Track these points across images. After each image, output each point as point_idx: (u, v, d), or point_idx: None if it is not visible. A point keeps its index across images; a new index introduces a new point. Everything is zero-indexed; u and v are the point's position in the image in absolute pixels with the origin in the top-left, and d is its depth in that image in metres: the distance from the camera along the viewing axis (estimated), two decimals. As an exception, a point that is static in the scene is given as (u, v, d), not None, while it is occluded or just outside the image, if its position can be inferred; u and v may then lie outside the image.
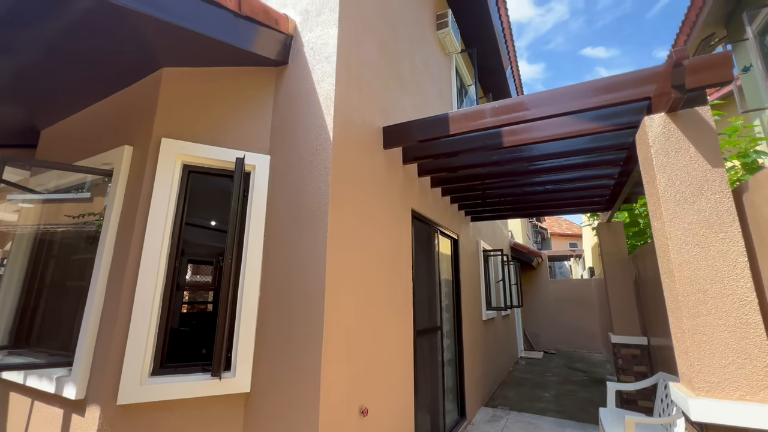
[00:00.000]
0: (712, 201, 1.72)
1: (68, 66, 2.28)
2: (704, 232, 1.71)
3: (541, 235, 19.60)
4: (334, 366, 2.07)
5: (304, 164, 2.37)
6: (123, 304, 2.05)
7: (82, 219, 2.81)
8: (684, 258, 1.71)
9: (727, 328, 1.59)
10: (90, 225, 2.69)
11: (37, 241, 2.97)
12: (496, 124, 2.50)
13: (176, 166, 2.30)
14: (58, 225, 3.03)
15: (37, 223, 3.06)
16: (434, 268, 4.06)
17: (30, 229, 3.04)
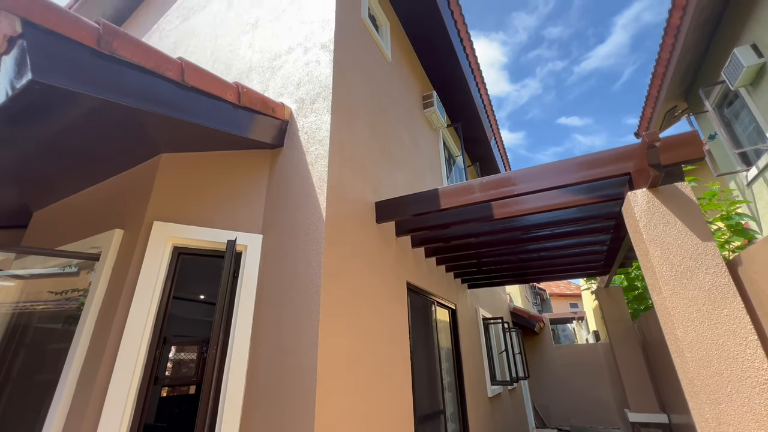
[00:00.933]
0: (709, 275, 1.70)
1: (69, 155, 2.36)
2: (707, 308, 1.66)
3: (540, 297, 19.20)
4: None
5: (296, 243, 2.35)
6: (93, 401, 1.85)
7: (64, 295, 2.68)
8: (692, 336, 1.64)
9: (753, 417, 1.47)
10: (73, 301, 2.56)
11: (10, 326, 2.79)
12: (485, 199, 2.57)
13: (166, 249, 2.27)
14: (38, 302, 2.88)
15: (16, 301, 2.91)
16: (433, 342, 3.86)
17: (7, 308, 2.88)
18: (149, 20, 5.13)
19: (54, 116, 1.87)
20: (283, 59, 3.15)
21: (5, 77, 1.52)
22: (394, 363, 2.75)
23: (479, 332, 5.59)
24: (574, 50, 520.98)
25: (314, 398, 1.88)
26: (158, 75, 1.88)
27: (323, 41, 2.97)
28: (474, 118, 6.49)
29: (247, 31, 3.64)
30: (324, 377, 1.97)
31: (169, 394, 3.85)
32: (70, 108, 1.82)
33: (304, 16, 3.24)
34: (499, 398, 5.95)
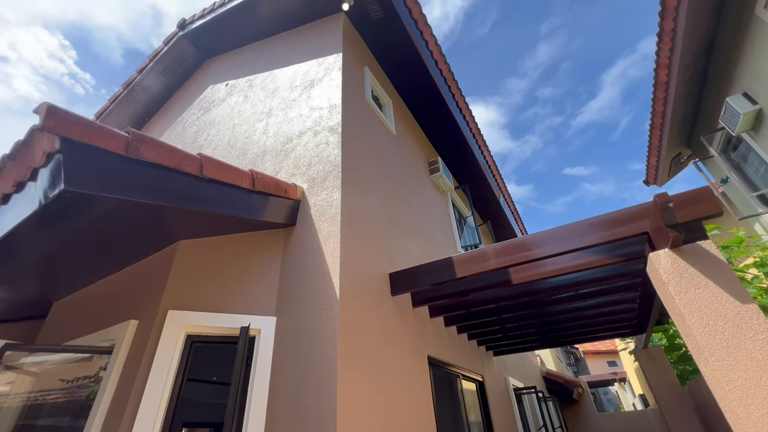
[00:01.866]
0: (759, 342, 1.55)
1: (90, 250, 2.45)
2: (766, 382, 1.49)
3: (573, 356, 17.76)
4: None
5: (311, 324, 2.28)
6: None
7: (75, 383, 2.59)
8: (757, 417, 1.45)
9: None
10: (84, 389, 2.47)
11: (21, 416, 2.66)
12: (501, 265, 2.51)
13: (179, 338, 2.23)
14: (49, 391, 2.78)
15: (28, 391, 2.81)
16: (462, 420, 3.51)
17: (18, 399, 2.78)
18: (175, 113, 5.67)
19: (78, 216, 1.98)
20: (294, 142, 3.37)
21: (40, 188, 1.64)
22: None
23: (512, 405, 5.10)
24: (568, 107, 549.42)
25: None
26: (179, 171, 2.01)
27: (331, 124, 3.19)
28: (480, 178, 6.65)
29: (261, 119, 3.96)
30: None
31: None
32: (93, 208, 1.94)
33: (314, 104, 3.53)
34: (545, 485, 5.21)
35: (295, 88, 3.90)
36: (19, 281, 2.71)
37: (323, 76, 3.67)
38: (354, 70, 3.85)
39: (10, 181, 1.79)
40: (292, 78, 4.06)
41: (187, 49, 5.68)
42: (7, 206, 1.86)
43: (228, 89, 4.93)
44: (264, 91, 4.28)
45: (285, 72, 4.23)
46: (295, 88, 3.91)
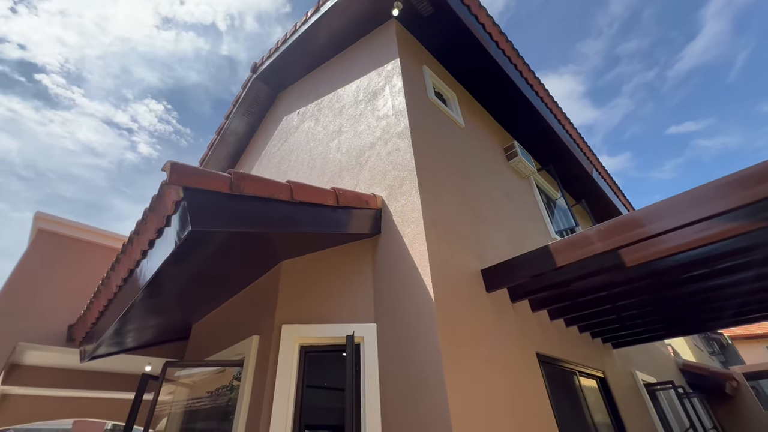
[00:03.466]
0: None
1: (212, 278, 2.86)
2: None
3: (717, 343, 14.89)
4: None
5: (410, 328, 2.31)
6: None
7: (216, 393, 3.05)
8: None
9: None
10: (223, 397, 2.89)
11: (183, 422, 3.22)
12: (608, 248, 2.23)
13: (294, 349, 2.45)
14: (199, 399, 3.31)
15: (185, 400, 3.40)
16: (586, 421, 3.19)
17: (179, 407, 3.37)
18: (259, 147, 6.34)
19: (200, 252, 2.32)
20: (367, 154, 3.49)
21: (173, 231, 1.97)
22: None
23: (645, 403, 4.47)
24: (660, 57, 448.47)
25: None
26: (274, 200, 2.23)
27: (400, 130, 3.22)
28: (565, 155, 6.06)
29: (333, 138, 4.19)
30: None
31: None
32: (211, 243, 2.25)
33: (379, 113, 3.62)
34: (704, 497, 4.43)
35: (360, 102, 4.05)
36: (165, 309, 3.27)
37: (384, 84, 3.74)
38: (413, 72, 3.85)
39: (153, 229, 2.18)
40: (355, 93, 4.22)
41: (261, 88, 6.33)
42: (153, 250, 2.26)
43: (300, 117, 5.34)
44: (332, 112, 4.53)
45: (348, 89, 4.42)
46: (359, 103, 4.06)
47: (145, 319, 3.32)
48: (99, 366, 5.87)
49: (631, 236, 2.16)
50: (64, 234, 4.70)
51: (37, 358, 5.22)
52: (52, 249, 4.54)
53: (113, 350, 4.06)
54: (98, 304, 3.11)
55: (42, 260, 4.41)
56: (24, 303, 4.08)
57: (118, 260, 2.63)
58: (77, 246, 4.77)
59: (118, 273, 2.67)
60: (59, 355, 4.56)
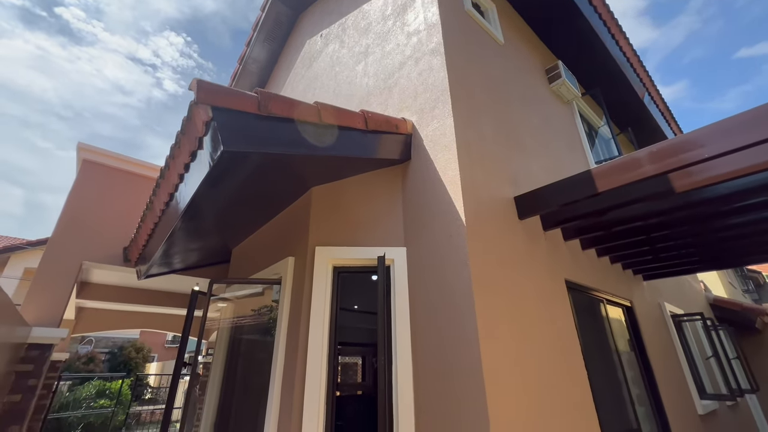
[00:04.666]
0: None
1: (245, 204, 2.94)
2: None
3: (753, 281, 14.48)
4: (510, 492, 1.71)
5: (440, 253, 2.34)
6: (296, 404, 2.21)
7: (259, 312, 3.38)
8: None
9: None
10: (263, 315, 3.20)
11: (231, 336, 3.63)
12: (660, 171, 2.06)
13: (328, 269, 2.58)
14: (243, 317, 3.69)
15: (231, 317, 3.80)
16: (609, 347, 3.29)
17: (226, 323, 3.78)
18: (282, 76, 6.10)
19: (233, 174, 2.35)
20: (396, 76, 3.26)
21: (206, 154, 1.99)
22: (564, 368, 2.44)
23: (670, 333, 4.53)
24: None
25: (485, 403, 1.80)
26: (303, 122, 2.17)
27: (432, 47, 2.95)
28: (615, 76, 5.43)
29: (359, 61, 3.93)
30: (493, 387, 1.87)
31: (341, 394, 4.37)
32: (242, 166, 2.27)
33: (410, 29, 3.30)
34: (716, 416, 4.65)
35: (388, 18, 3.69)
36: (206, 233, 3.48)
37: (415, -6, 3.35)
38: (448, -23, 3.39)
39: (187, 152, 2.21)
40: (382, 8, 3.84)
41: (280, 9, 5.89)
42: (189, 174, 2.32)
43: (323, 40, 5.00)
44: (357, 31, 4.19)
45: (374, 4, 4.02)
46: (387, 18, 3.70)
47: (189, 242, 3.56)
48: (155, 285, 6.57)
49: (685, 159, 1.98)
50: (108, 165, 4.94)
51: (102, 277, 5.87)
52: (99, 179, 4.81)
53: (164, 270, 4.47)
54: (146, 227, 3.34)
55: (91, 189, 4.71)
56: (82, 227, 4.46)
57: (158, 185, 2.74)
58: (123, 177, 5.03)
59: (160, 197, 2.80)
60: (119, 273, 5.09)
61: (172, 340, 23.24)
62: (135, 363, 18.58)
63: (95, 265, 4.49)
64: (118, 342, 20.26)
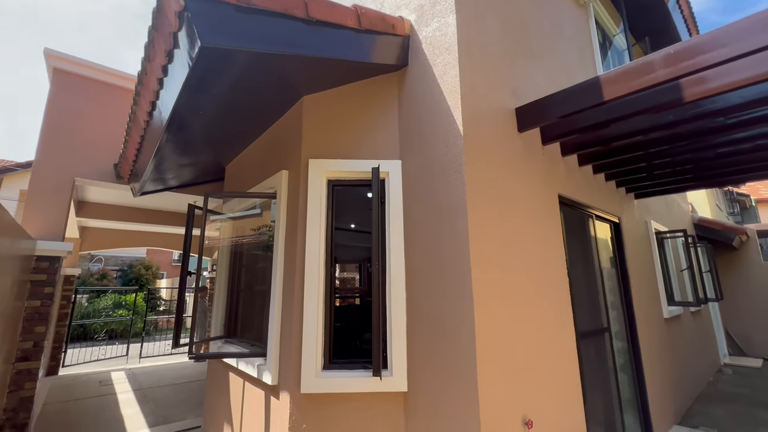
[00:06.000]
0: None
1: (233, 115, 2.80)
2: None
3: (740, 204, 14.84)
4: (489, 371, 1.95)
5: (435, 164, 2.31)
6: (296, 307, 2.39)
7: (258, 231, 3.47)
8: None
9: None
10: (263, 235, 3.30)
11: (232, 252, 3.79)
12: (673, 76, 1.93)
13: (322, 182, 2.56)
14: (243, 236, 3.81)
15: (231, 236, 3.92)
16: (593, 259, 3.48)
17: (227, 241, 3.91)
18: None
19: (216, 78, 2.19)
20: (394, -35, 2.85)
21: (184, 52, 1.81)
22: (550, 278, 2.61)
23: (651, 248, 4.76)
24: None
25: (472, 309, 1.95)
26: (288, 16, 1.94)
27: (436, -75, 2.52)
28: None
29: (352, -53, 3.40)
30: (480, 290, 2.00)
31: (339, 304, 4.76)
32: (226, 69, 2.09)
33: None
34: (679, 321, 5.15)
35: None
36: (196, 147, 3.38)
37: None
38: None
39: (162, 52, 2.02)
40: None
41: None
42: (168, 78, 2.15)
43: None
44: None
45: None
46: None
47: (180, 157, 3.48)
48: (153, 204, 6.63)
49: (703, 61, 1.84)
50: (84, 75, 4.59)
51: (99, 195, 5.88)
52: (75, 90, 4.51)
53: (159, 187, 4.46)
54: (132, 141, 3.23)
55: (68, 101, 4.44)
56: (66, 142, 4.32)
57: (138, 93, 2.57)
58: (103, 89, 4.71)
59: (142, 107, 2.65)
60: (116, 191, 5.09)
61: (178, 259, 24.39)
62: (146, 279, 19.74)
63: (89, 182, 4.46)
64: (126, 260, 21.26)
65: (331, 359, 2.38)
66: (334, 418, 2.24)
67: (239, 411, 2.89)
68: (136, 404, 5.29)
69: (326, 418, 2.24)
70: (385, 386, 2.23)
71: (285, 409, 2.28)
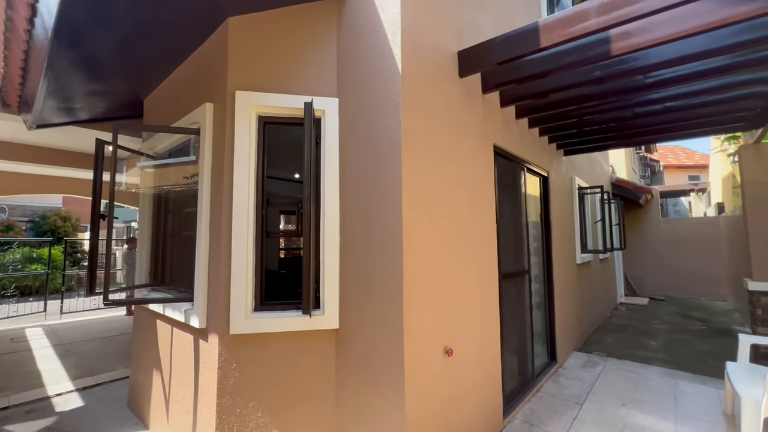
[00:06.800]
0: None
1: (142, 33, 2.40)
2: None
3: (650, 168, 16.76)
4: (415, 306, 2.06)
5: (373, 103, 2.22)
6: (224, 250, 2.28)
7: (192, 179, 3.16)
8: None
9: None
10: (194, 185, 3.02)
11: (156, 198, 3.45)
12: (604, 25, 1.98)
13: (252, 117, 2.35)
14: (176, 185, 3.47)
15: (157, 184, 3.55)
16: (521, 208, 3.73)
17: (151, 187, 3.55)
18: None
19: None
20: None
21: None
22: (480, 221, 2.75)
23: (573, 201, 5.23)
24: None
25: (401, 249, 2.00)
26: None
27: None
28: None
29: None
30: (410, 231, 2.05)
31: (285, 256, 4.67)
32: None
33: None
34: (588, 266, 5.87)
35: None
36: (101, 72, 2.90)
37: None
38: None
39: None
40: None
41: None
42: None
43: None
44: None
45: None
46: None
47: (86, 82, 2.99)
48: (64, 143, 5.73)
49: (633, 11, 1.89)
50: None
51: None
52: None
53: (65, 119, 3.83)
54: (14, 57, 2.67)
55: None
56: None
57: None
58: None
59: (19, 11, 2.16)
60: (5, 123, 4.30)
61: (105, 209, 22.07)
62: (64, 231, 17.71)
63: (-35, 110, 3.68)
64: (37, 210, 18.75)
65: (264, 301, 2.35)
66: (265, 356, 2.27)
67: (168, 357, 2.81)
68: (56, 359, 4.93)
69: (257, 356, 2.26)
70: (316, 324, 2.28)
71: (214, 351, 2.25)
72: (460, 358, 2.40)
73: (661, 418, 3.07)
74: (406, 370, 1.95)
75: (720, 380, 3.82)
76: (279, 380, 2.28)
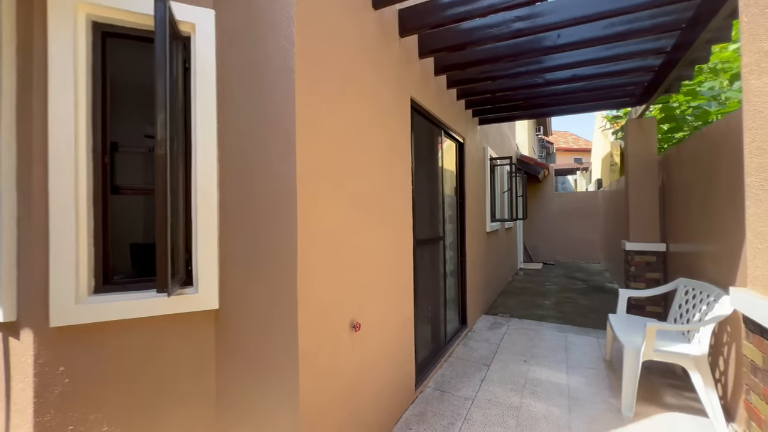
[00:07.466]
0: None
1: None
2: None
3: (546, 150, 18.74)
4: (314, 278, 1.70)
5: (261, 18, 1.70)
6: (35, 212, 1.59)
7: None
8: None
9: None
10: None
11: None
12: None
13: (79, 20, 1.64)
14: None
15: None
16: (437, 175, 3.57)
17: None
18: None
19: None
20: None
21: None
22: (393, 183, 2.46)
23: (485, 171, 5.34)
24: None
25: (295, 210, 1.60)
26: None
27: None
28: None
29: None
30: (307, 186, 1.65)
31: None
32: None
33: None
34: (496, 234, 6.18)
35: None
36: None
37: None
38: None
39: None
40: None
41: None
42: None
43: None
44: None
45: None
46: None
47: None
48: None
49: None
50: None
51: None
52: None
53: None
54: None
55: None
56: None
57: None
58: None
59: None
60: None
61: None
62: None
63: None
64: None
65: (111, 279, 1.74)
66: (113, 352, 1.69)
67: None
68: None
69: (100, 354, 1.67)
70: (188, 305, 1.77)
71: (28, 352, 1.60)
72: (369, 331, 2.14)
73: (555, 370, 3.29)
74: (301, 352, 1.60)
75: (599, 330, 4.32)
76: (135, 382, 1.73)
